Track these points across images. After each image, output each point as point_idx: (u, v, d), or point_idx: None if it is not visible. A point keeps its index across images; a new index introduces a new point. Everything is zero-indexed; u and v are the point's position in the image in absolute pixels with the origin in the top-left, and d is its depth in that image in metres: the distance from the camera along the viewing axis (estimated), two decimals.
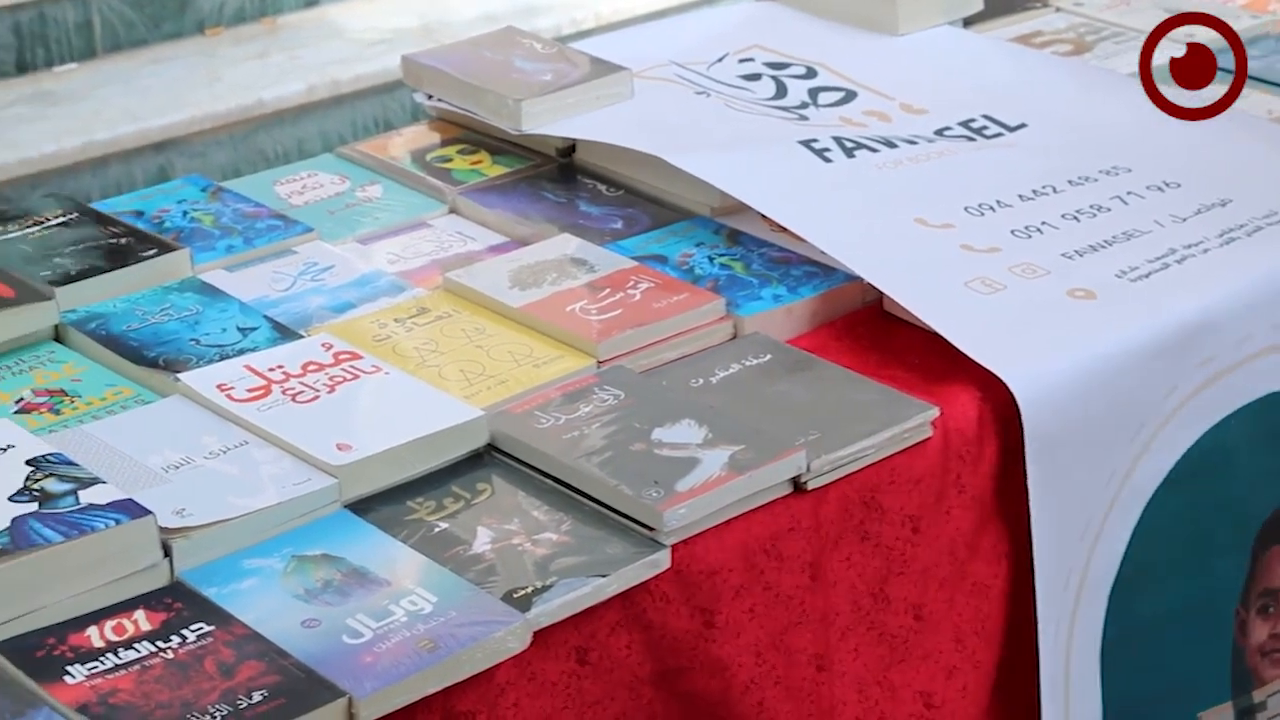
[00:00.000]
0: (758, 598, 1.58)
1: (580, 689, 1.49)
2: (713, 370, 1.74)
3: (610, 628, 1.50)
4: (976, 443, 1.70)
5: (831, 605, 1.63)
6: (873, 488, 1.64)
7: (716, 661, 1.56)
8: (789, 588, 1.60)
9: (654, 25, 2.69)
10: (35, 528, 1.41)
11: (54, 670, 1.36)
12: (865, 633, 1.65)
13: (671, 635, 1.54)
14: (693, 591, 1.54)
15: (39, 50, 4.30)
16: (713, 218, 2.01)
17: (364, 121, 4.38)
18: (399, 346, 1.77)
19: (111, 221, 1.97)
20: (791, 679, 1.61)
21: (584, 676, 1.49)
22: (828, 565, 1.62)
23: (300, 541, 1.51)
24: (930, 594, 1.69)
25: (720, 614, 1.56)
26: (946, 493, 1.69)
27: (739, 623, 1.57)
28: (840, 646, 1.63)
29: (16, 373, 1.74)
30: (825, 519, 1.62)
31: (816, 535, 1.61)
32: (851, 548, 1.63)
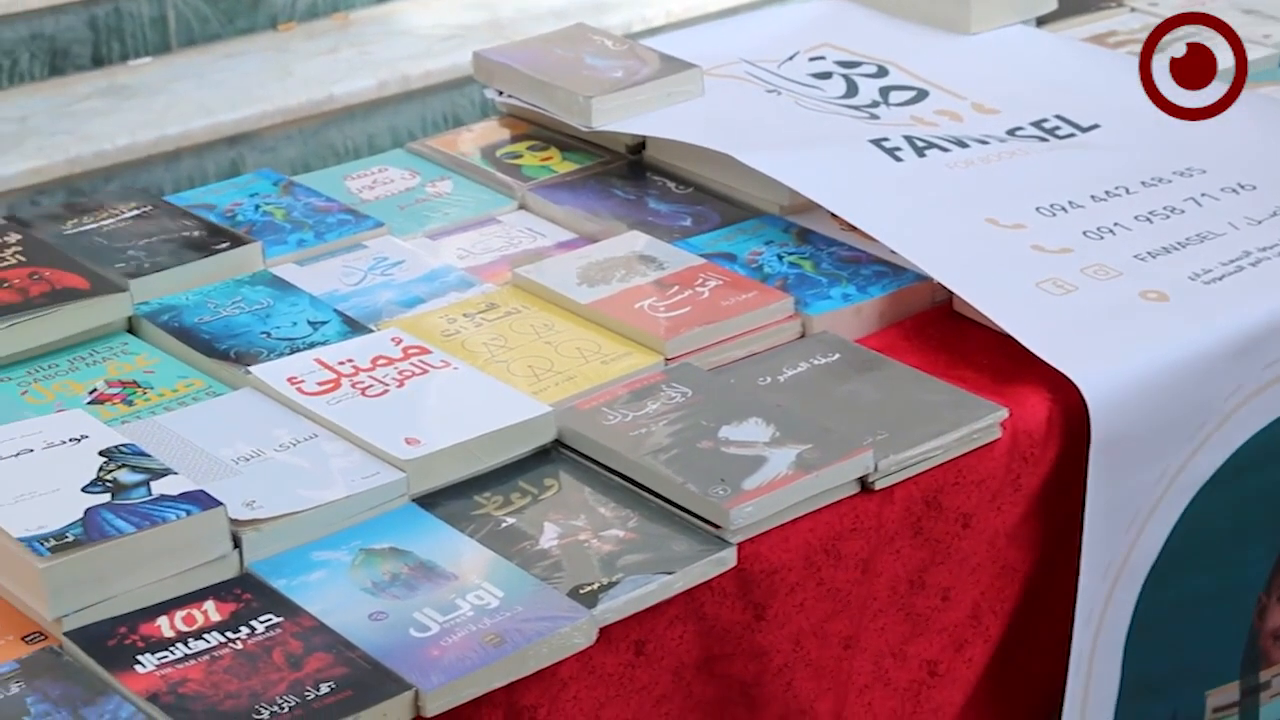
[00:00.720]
0: (809, 593, 1.58)
1: (632, 677, 1.49)
2: (780, 369, 1.74)
3: (669, 621, 1.50)
4: (1042, 444, 1.69)
5: (873, 593, 1.63)
6: (938, 488, 1.64)
7: (757, 648, 1.56)
8: (840, 583, 1.60)
9: (725, 23, 2.69)
10: (108, 518, 1.43)
11: (125, 659, 1.37)
12: (895, 613, 1.66)
13: (722, 626, 1.54)
14: (751, 588, 1.54)
15: (114, 44, 4.34)
16: (782, 216, 2.01)
17: (433, 117, 4.39)
18: (468, 342, 1.77)
19: (185, 214, 1.99)
20: (822, 659, 1.61)
21: (638, 666, 1.50)
22: (879, 560, 1.62)
23: (368, 535, 1.52)
24: (962, 578, 1.69)
25: (771, 608, 1.56)
26: (1002, 491, 1.68)
27: (786, 615, 1.57)
28: (869, 627, 1.63)
29: (90, 364, 1.76)
30: (887, 518, 1.61)
31: (876, 534, 1.61)
32: (903, 542, 1.63)
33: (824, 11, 2.45)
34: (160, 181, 3.97)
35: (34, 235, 1.91)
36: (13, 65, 4.20)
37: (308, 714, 1.32)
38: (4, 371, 1.74)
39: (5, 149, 3.89)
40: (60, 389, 1.72)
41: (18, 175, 3.83)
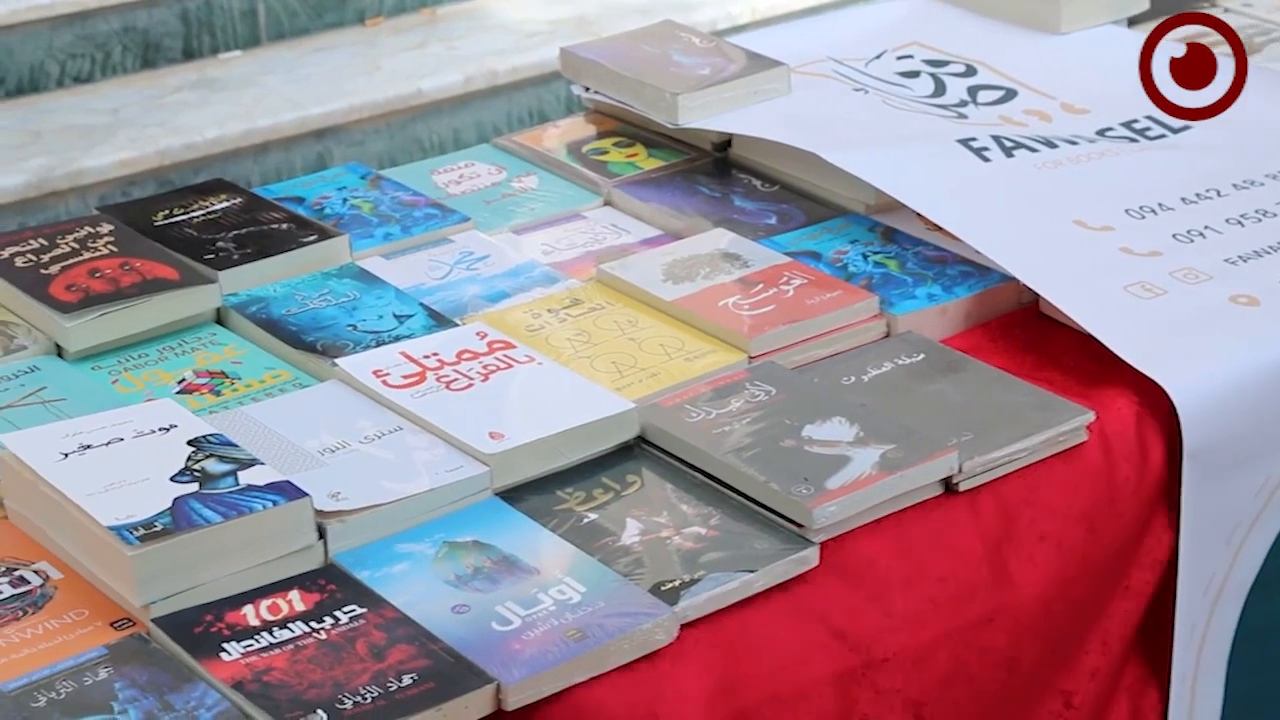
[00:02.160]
0: (934, 588, 1.56)
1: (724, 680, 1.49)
2: (865, 368, 1.74)
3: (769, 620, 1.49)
4: (1131, 448, 1.68)
5: (1023, 604, 1.60)
6: (1029, 489, 1.62)
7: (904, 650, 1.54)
8: (970, 581, 1.58)
9: (812, 21, 2.68)
10: (195, 508, 1.44)
11: (211, 647, 1.38)
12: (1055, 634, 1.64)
13: (838, 627, 1.52)
14: (855, 583, 1.52)
15: (205, 37, 4.38)
16: (867, 215, 2.00)
17: (519, 113, 4.41)
18: (552, 337, 1.78)
19: (273, 207, 2.00)
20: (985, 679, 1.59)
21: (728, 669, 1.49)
22: (1008, 564, 1.60)
23: (451, 528, 1.52)
24: (1087, 597, 1.66)
25: (895, 603, 1.54)
26: (1100, 499, 1.67)
27: (920, 613, 1.55)
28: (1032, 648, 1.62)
29: (179, 354, 1.78)
30: (984, 519, 1.60)
31: (979, 531, 1.59)
32: (1031, 547, 1.61)
33: (912, 10, 2.43)
34: (248, 174, 4.01)
35: (126, 226, 1.94)
36: (106, 58, 4.25)
37: (390, 705, 1.32)
38: (95, 360, 1.76)
39: (98, 140, 3.94)
40: (150, 378, 1.74)
41: (109, 166, 3.88)
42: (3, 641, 1.40)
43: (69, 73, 4.21)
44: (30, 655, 1.39)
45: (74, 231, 1.91)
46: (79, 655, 1.38)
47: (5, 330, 1.79)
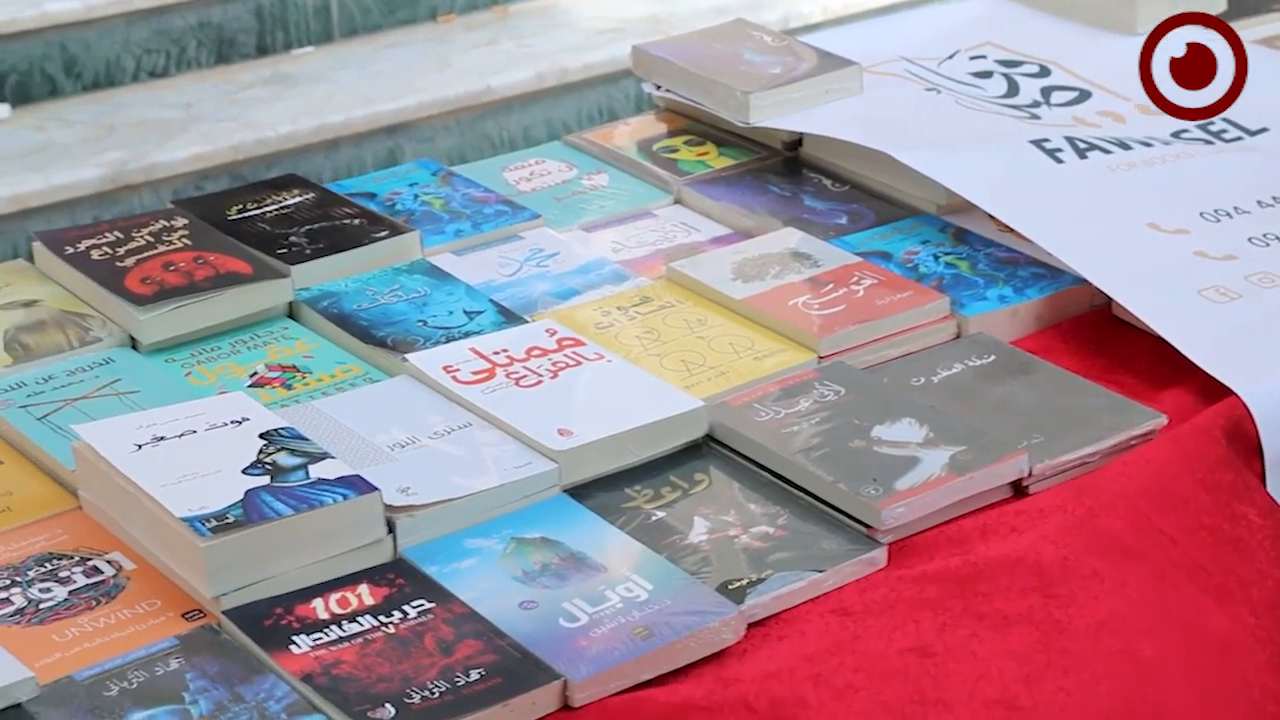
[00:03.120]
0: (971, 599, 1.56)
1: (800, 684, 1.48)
2: (935, 369, 1.73)
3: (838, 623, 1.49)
4: (1207, 452, 1.66)
5: (1051, 616, 1.59)
6: (1096, 494, 1.61)
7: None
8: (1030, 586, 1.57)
9: (884, 20, 2.68)
10: (266, 500, 1.45)
11: (280, 639, 1.39)
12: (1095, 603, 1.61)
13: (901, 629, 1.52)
14: (923, 586, 1.52)
15: (278, 33, 4.41)
16: (939, 215, 1.99)
17: (589, 110, 4.41)
18: (621, 335, 1.78)
19: (345, 203, 2.01)
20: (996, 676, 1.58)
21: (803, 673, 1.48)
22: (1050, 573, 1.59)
23: (520, 524, 1.53)
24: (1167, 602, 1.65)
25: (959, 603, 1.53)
26: (1174, 503, 1.65)
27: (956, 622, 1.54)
28: (1053, 665, 1.60)
29: (252, 347, 1.79)
30: (1046, 524, 1.59)
31: (1043, 538, 1.58)
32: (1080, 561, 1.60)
33: (986, 10, 2.42)
34: (319, 169, 4.03)
35: (200, 220, 1.95)
36: (181, 53, 4.29)
37: (458, 700, 1.33)
38: (169, 353, 1.78)
39: (172, 134, 3.98)
40: (222, 371, 1.75)
41: (183, 160, 3.91)
42: (76, 631, 1.41)
43: (145, 67, 4.25)
44: (103, 645, 1.40)
45: (149, 225, 1.93)
46: (150, 645, 1.40)
47: (80, 322, 1.81)
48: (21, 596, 1.45)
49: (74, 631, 1.41)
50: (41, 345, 1.77)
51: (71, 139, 3.96)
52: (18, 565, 1.49)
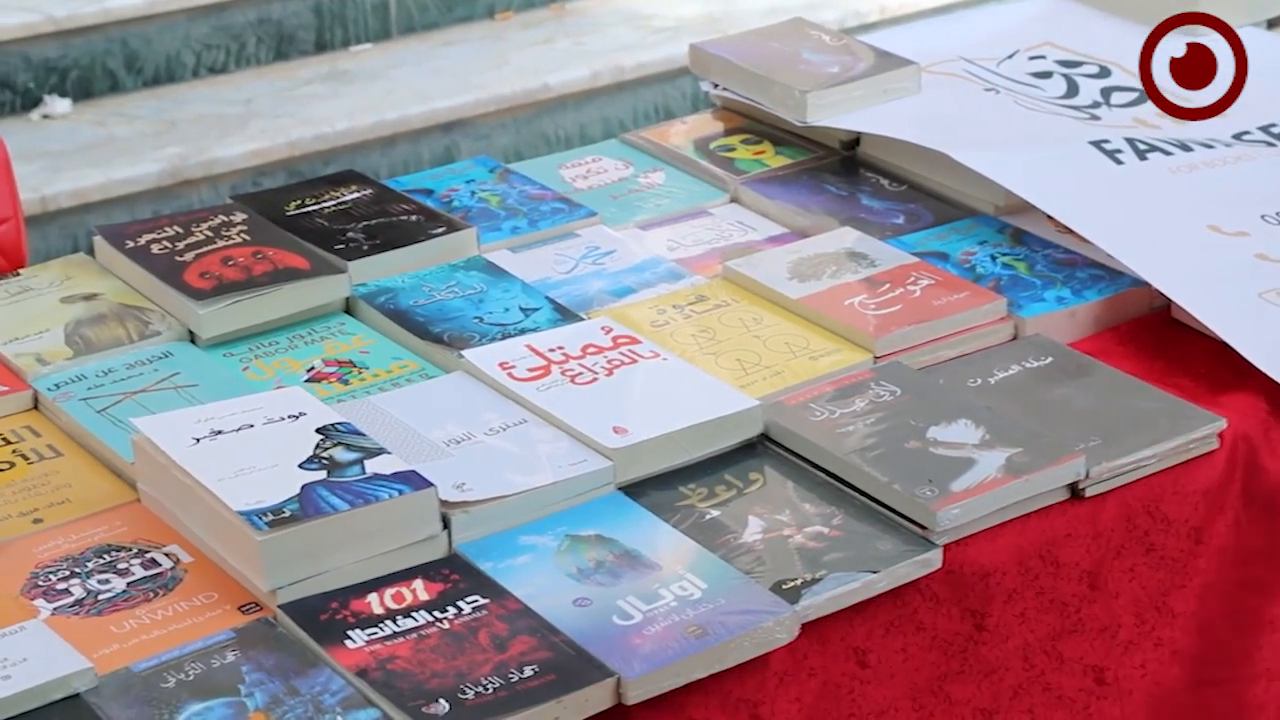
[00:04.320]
0: (1030, 602, 1.56)
1: (863, 693, 1.49)
2: (991, 370, 1.72)
3: (885, 628, 1.49)
4: (1266, 456, 1.65)
5: (1114, 617, 1.59)
6: (1154, 498, 1.60)
7: (985, 663, 1.54)
8: (1065, 595, 1.57)
9: (943, 20, 2.67)
10: (323, 495, 1.46)
11: (336, 633, 1.40)
12: (1152, 649, 1.61)
13: (943, 638, 1.52)
14: (965, 593, 1.52)
15: (337, 30, 4.43)
16: (997, 216, 1.99)
17: (645, 108, 4.42)
18: (676, 333, 1.78)
19: (403, 199, 2.02)
20: (1064, 687, 1.58)
21: (865, 680, 1.49)
22: (1108, 575, 1.59)
23: (574, 521, 1.53)
24: (1210, 607, 1.64)
25: (991, 617, 1.54)
26: (1231, 506, 1.64)
27: (1009, 626, 1.55)
28: (1124, 661, 1.60)
29: (309, 342, 1.80)
30: (1104, 527, 1.58)
31: (1095, 543, 1.58)
32: (1135, 559, 1.60)
33: (1046, 10, 2.41)
34: (376, 166, 4.05)
35: (258, 215, 1.96)
36: (240, 49, 4.31)
37: (511, 696, 1.33)
38: (227, 347, 1.79)
39: (230, 130, 4.00)
40: (280, 366, 1.76)
41: (241, 156, 3.93)
42: (134, 622, 1.43)
43: (205, 63, 4.28)
44: (160, 636, 1.41)
45: (208, 220, 1.94)
46: (207, 638, 1.41)
47: (140, 316, 1.82)
48: (81, 587, 1.46)
49: (132, 623, 1.42)
50: (101, 338, 1.79)
51: (131, 134, 3.99)
52: (77, 556, 1.50)
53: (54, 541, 1.52)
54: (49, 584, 1.47)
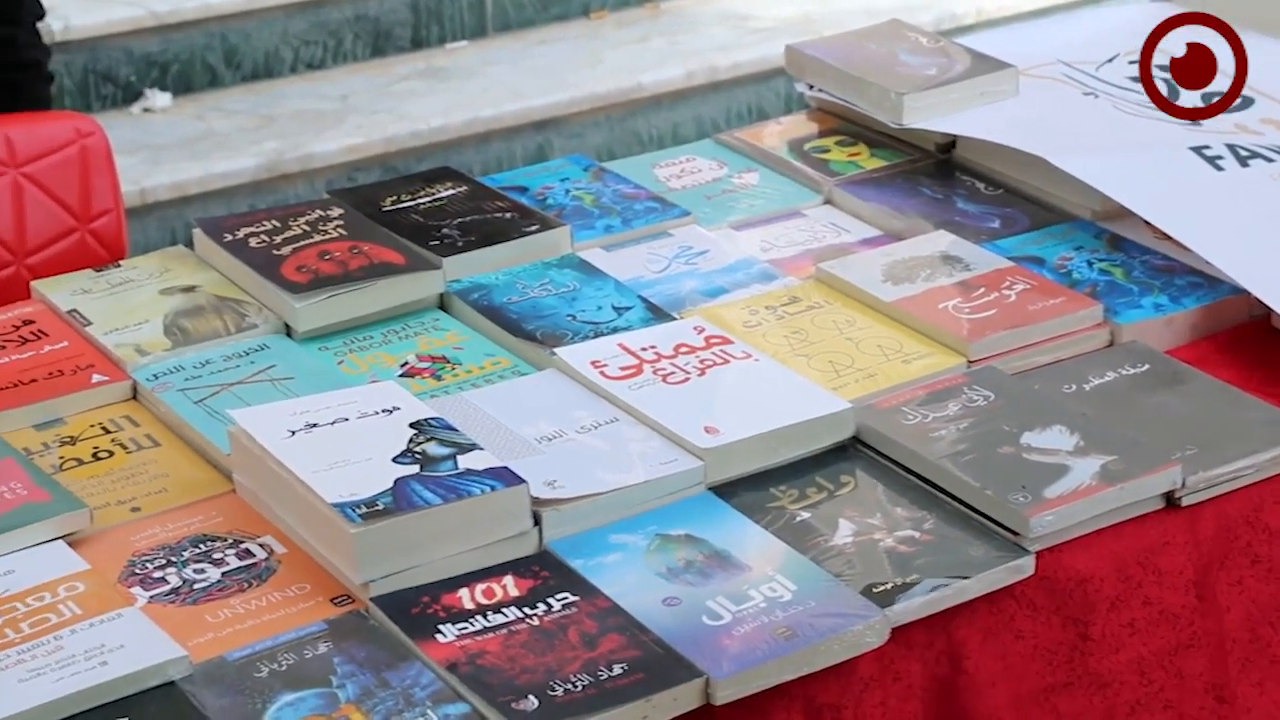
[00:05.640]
0: (1137, 612, 1.54)
1: (958, 700, 1.48)
2: (1086, 377, 1.71)
3: (981, 635, 1.48)
4: None
5: (1227, 631, 1.57)
6: (1254, 508, 1.58)
7: (1097, 677, 1.52)
8: (1173, 606, 1.55)
9: (1042, 23, 2.65)
10: (416, 489, 1.47)
11: (427, 627, 1.41)
12: (1268, 666, 1.59)
13: (1045, 647, 1.51)
14: (1063, 601, 1.51)
15: (433, 27, 4.46)
16: (1094, 221, 1.97)
17: (738, 108, 4.41)
18: (769, 334, 1.78)
19: (497, 196, 2.03)
20: (1185, 705, 1.56)
21: (962, 688, 1.48)
22: (1215, 587, 1.56)
23: (664, 520, 1.53)
24: None
25: (1095, 626, 1.52)
26: None
27: (1118, 637, 1.53)
28: (1242, 679, 1.58)
29: (403, 338, 1.81)
30: (1203, 537, 1.56)
31: (1196, 553, 1.56)
32: (1241, 570, 1.58)
33: (1146, 13, 2.38)
34: (469, 163, 4.07)
35: (355, 210, 1.98)
36: (338, 45, 4.35)
37: (600, 694, 1.34)
38: (322, 341, 1.80)
39: (327, 126, 4.04)
40: (374, 360, 1.77)
41: (337, 152, 3.96)
42: (228, 612, 1.44)
43: (302, 59, 4.31)
44: (254, 626, 1.42)
45: (305, 214, 1.96)
46: (300, 629, 1.42)
47: (237, 308, 1.84)
48: (177, 576, 1.48)
49: (226, 613, 1.44)
50: (199, 330, 1.81)
51: (230, 128, 4.03)
52: (173, 546, 1.52)
53: (151, 530, 1.54)
54: (146, 572, 1.49)
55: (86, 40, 4.03)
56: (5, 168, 2.26)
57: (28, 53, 3.22)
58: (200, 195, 3.84)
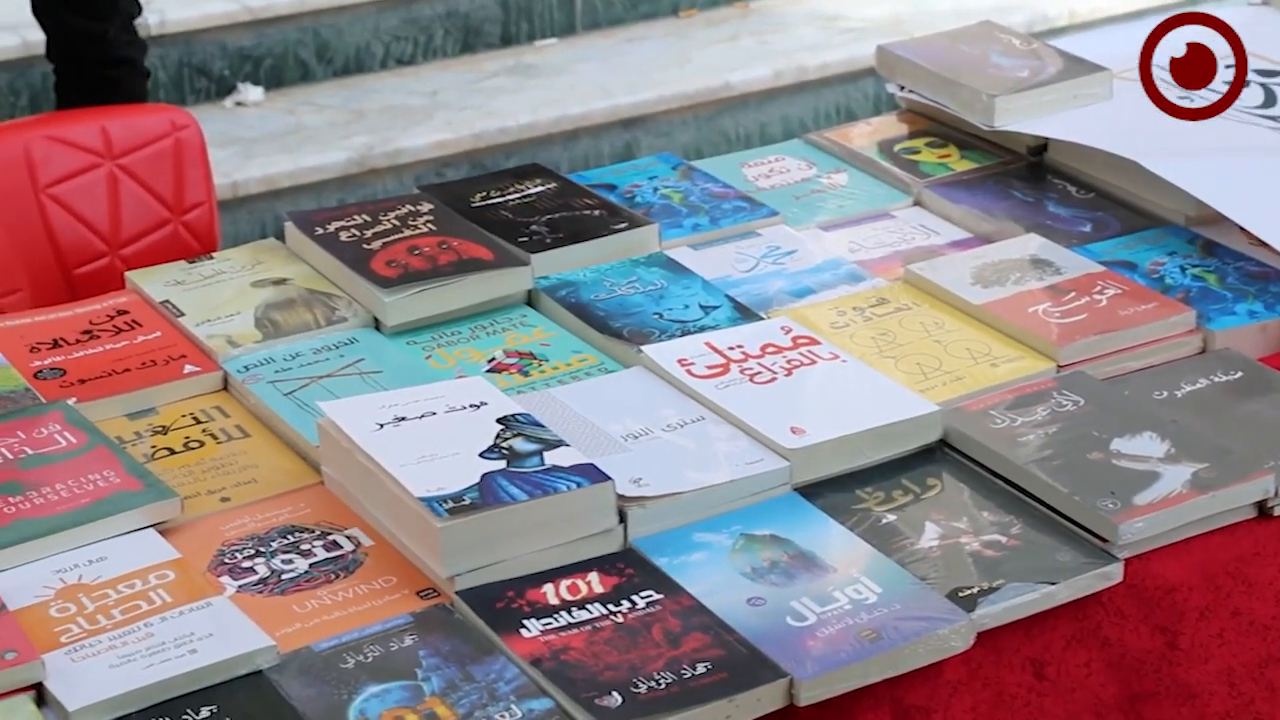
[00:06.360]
0: (1226, 623, 1.52)
1: (1041, 706, 1.47)
2: (1178, 383, 1.69)
3: (1065, 641, 1.47)
4: None
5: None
6: None
7: (1185, 687, 1.51)
8: (1263, 618, 1.53)
9: (1135, 26, 2.61)
10: (502, 485, 1.47)
11: (511, 622, 1.41)
12: None
13: (1132, 655, 1.50)
14: (1150, 609, 1.50)
15: (523, 24, 4.47)
16: (1187, 226, 1.95)
17: (825, 108, 4.40)
18: (856, 335, 1.77)
19: (586, 193, 2.03)
20: (1276, 718, 1.54)
21: (1044, 693, 1.47)
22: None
23: (749, 520, 1.53)
24: None
25: (1184, 635, 1.51)
26: None
27: (1207, 647, 1.52)
28: None
29: (490, 333, 1.82)
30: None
31: (1274, 569, 1.54)
32: None
33: (1244, 18, 2.35)
34: (557, 159, 4.08)
35: (444, 206, 1.99)
36: (428, 41, 4.37)
37: (684, 692, 1.34)
38: (411, 335, 1.82)
39: (416, 121, 4.06)
40: (461, 355, 1.78)
41: (426, 147, 3.98)
42: (315, 603, 1.45)
43: (393, 55, 4.34)
44: (341, 618, 1.43)
45: (395, 209, 1.97)
46: (386, 621, 1.43)
47: (328, 302, 1.86)
48: (265, 567, 1.49)
49: (313, 603, 1.45)
50: (290, 323, 1.82)
51: (321, 123, 4.06)
52: (262, 536, 1.53)
53: (240, 520, 1.56)
54: (234, 562, 1.50)
55: (181, 35, 4.07)
56: (101, 159, 2.30)
57: (121, 50, 3.26)
58: (290, 189, 3.87)
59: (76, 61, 3.31)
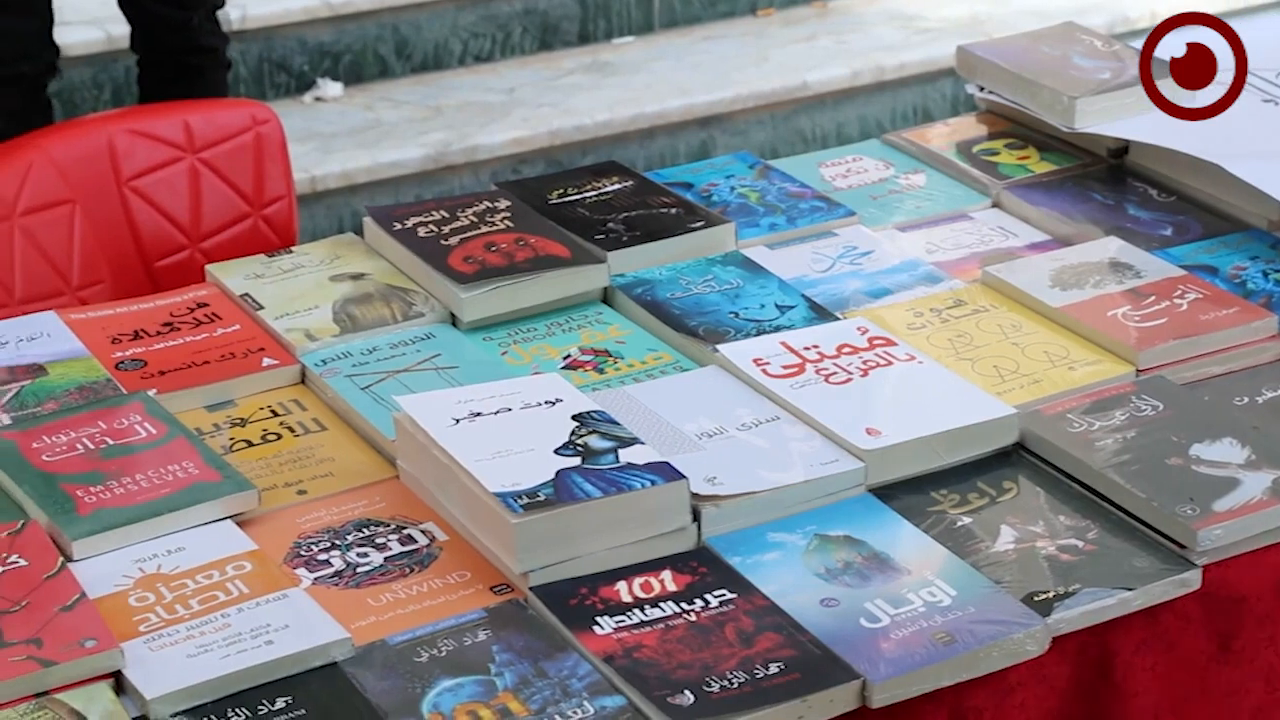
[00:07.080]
0: (1278, 626, 1.51)
1: (1104, 709, 1.46)
2: (1259, 389, 1.68)
3: (1135, 646, 1.46)
4: None
5: None
6: None
7: (1225, 685, 1.50)
8: None
9: None
10: (577, 481, 1.47)
11: (584, 619, 1.42)
12: None
13: (1188, 657, 1.49)
14: (1216, 615, 1.48)
15: (600, 22, 4.48)
16: (1270, 231, 1.93)
17: (903, 109, 4.38)
18: (933, 337, 1.76)
19: (663, 192, 2.04)
20: None
21: (1110, 697, 1.46)
22: None
23: (824, 521, 1.53)
24: None
25: (1238, 639, 1.50)
26: None
27: (1255, 649, 1.51)
28: None
29: (566, 330, 1.82)
30: None
31: None
32: None
33: None
34: (633, 158, 4.08)
35: (521, 203, 1.99)
36: (506, 38, 4.38)
37: (756, 692, 1.34)
38: (487, 331, 1.82)
39: (494, 118, 4.07)
40: (537, 352, 1.79)
41: (503, 144, 3.99)
42: (390, 596, 1.46)
43: (471, 51, 4.36)
44: (415, 612, 1.44)
45: (473, 205, 1.98)
46: (459, 616, 1.43)
47: (404, 297, 1.87)
48: (340, 559, 1.50)
49: (388, 597, 1.46)
50: (367, 317, 1.83)
51: (398, 119, 4.08)
52: (338, 529, 1.54)
53: (316, 513, 1.57)
54: (310, 554, 1.51)
55: (262, 30, 4.10)
56: (183, 153, 2.32)
57: (205, 38, 3.30)
58: (367, 184, 3.89)
59: (160, 50, 3.35)
